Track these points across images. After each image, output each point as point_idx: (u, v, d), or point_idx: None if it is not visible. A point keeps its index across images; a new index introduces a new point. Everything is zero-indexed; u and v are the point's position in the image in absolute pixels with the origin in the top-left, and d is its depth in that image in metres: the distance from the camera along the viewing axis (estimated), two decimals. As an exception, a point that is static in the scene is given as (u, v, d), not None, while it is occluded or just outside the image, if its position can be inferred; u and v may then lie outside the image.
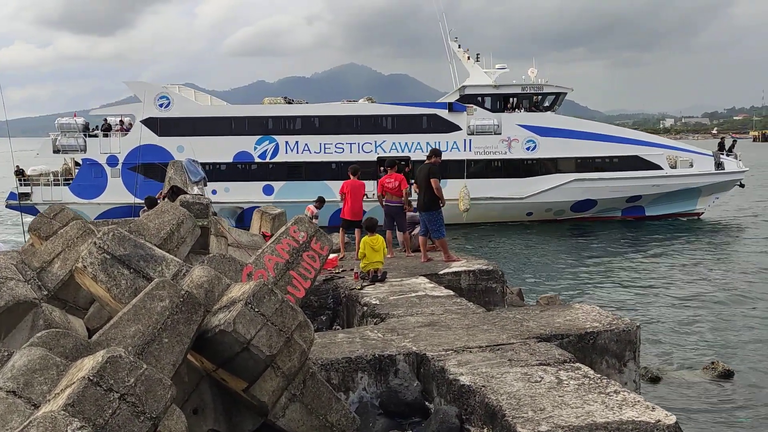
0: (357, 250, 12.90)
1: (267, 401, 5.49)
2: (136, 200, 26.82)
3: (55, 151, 37.13)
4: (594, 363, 7.15)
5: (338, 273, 11.51)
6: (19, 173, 36.76)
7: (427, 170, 12.61)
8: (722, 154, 39.02)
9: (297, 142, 36.49)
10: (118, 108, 39.08)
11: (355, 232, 14.11)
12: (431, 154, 13.08)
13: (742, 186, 39.14)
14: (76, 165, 37.45)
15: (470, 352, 6.80)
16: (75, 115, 38.98)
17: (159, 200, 15.04)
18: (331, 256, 11.61)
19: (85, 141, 36.76)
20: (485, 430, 5.50)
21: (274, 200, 34.89)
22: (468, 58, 39.15)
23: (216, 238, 11.28)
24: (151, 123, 36.21)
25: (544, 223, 37.05)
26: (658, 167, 36.69)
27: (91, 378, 4.12)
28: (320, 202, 17.25)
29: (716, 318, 18.50)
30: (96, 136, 36.96)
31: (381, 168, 28.81)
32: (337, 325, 10.30)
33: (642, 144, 37.36)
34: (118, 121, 37.78)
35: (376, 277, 10.59)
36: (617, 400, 5.39)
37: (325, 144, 36.37)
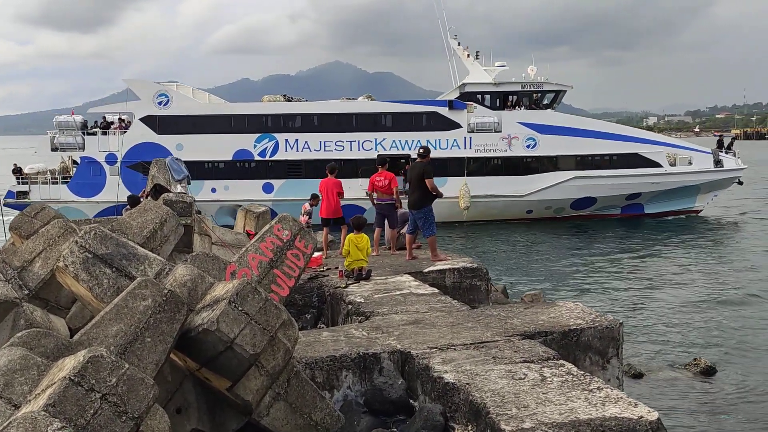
0: (341, 247, 12.89)
1: (251, 400, 5.47)
2: None
3: (54, 149, 36.88)
4: (577, 360, 7.19)
5: (323, 271, 11.49)
6: (16, 171, 36.48)
7: (421, 170, 12.59)
8: (721, 151, 39.29)
9: (297, 140, 36.39)
10: (114, 106, 38.76)
11: (342, 229, 14.11)
12: (425, 152, 13.04)
13: (741, 183, 39.40)
14: (74, 163, 37.16)
15: (455, 349, 6.81)
16: (72, 113, 38.66)
17: (142, 198, 14.94)
18: (316, 254, 11.58)
19: (83, 139, 36.52)
20: (470, 427, 5.51)
21: (274, 198, 34.89)
22: (468, 55, 39.16)
23: (200, 237, 11.22)
24: (149, 121, 36.07)
25: (544, 221, 37.07)
26: (658, 165, 36.81)
27: (72, 378, 4.08)
28: (314, 198, 17.20)
29: (701, 315, 18.66)
30: (95, 134, 36.73)
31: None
32: (322, 324, 10.28)
33: (641, 141, 37.51)
34: (117, 118, 37.55)
35: (361, 276, 10.58)
36: (600, 397, 5.42)
37: (325, 142, 36.27)
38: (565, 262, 27.49)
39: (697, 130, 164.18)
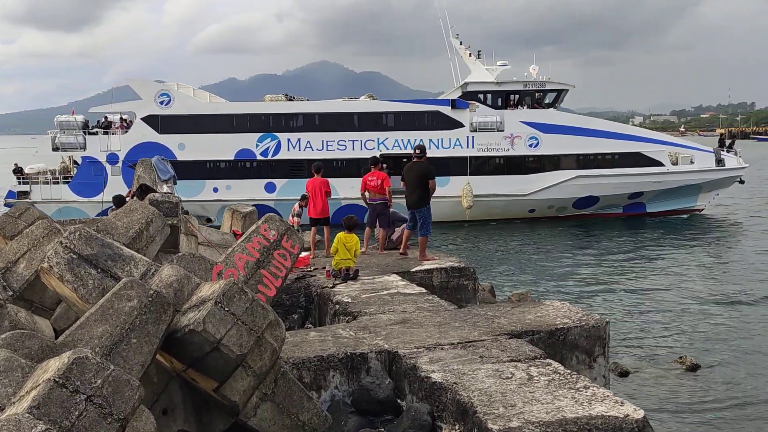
0: (328, 246, 12.87)
1: (238, 401, 5.45)
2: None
3: (55, 149, 36.67)
4: (564, 359, 7.22)
5: (310, 271, 11.47)
6: (17, 171, 36.19)
7: (425, 170, 12.52)
8: (722, 150, 39.41)
9: (299, 140, 36.31)
10: (116, 105, 38.50)
11: (324, 230, 14.12)
12: (421, 152, 12.92)
13: (742, 182, 39.50)
14: (75, 163, 36.90)
15: (442, 349, 6.82)
16: (73, 113, 38.34)
17: (128, 199, 14.84)
18: (303, 254, 11.55)
19: (84, 139, 36.29)
20: (457, 426, 5.51)
21: (276, 198, 34.85)
22: (469, 54, 39.09)
23: (186, 237, 11.18)
24: (151, 120, 35.88)
25: (546, 220, 37.08)
26: (660, 164, 36.86)
27: (57, 380, 4.04)
28: (304, 199, 17.15)
29: (688, 313, 18.78)
30: (96, 133, 36.50)
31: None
32: (309, 324, 10.26)
33: (644, 141, 37.58)
34: (119, 118, 37.31)
35: (348, 275, 10.57)
36: (587, 396, 5.44)
37: (327, 141, 36.22)
38: (564, 261, 27.51)
39: (682, 129, 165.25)
